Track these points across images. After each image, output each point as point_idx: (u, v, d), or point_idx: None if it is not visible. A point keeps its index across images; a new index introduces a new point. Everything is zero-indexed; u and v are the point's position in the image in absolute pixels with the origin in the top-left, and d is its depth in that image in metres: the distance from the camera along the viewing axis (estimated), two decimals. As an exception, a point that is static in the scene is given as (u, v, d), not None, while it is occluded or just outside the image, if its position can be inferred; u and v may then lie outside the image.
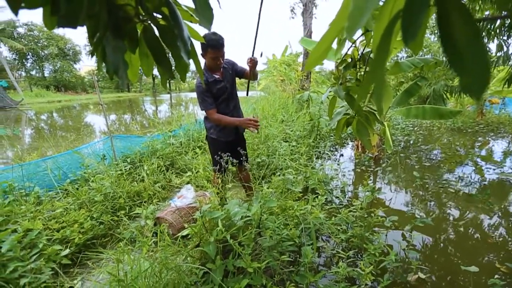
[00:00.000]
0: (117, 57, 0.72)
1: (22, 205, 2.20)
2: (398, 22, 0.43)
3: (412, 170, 3.77)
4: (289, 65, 9.97)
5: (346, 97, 1.53)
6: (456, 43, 0.37)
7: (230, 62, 2.27)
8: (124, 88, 5.36)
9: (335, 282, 1.66)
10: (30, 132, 9.22)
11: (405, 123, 7.28)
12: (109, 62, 0.74)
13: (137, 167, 3.26)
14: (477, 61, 0.37)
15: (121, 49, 0.73)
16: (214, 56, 2.00)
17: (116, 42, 0.74)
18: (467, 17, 0.37)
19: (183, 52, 0.77)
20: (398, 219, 2.13)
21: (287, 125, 5.08)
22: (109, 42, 0.74)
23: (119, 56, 0.73)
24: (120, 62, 0.73)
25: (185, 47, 0.78)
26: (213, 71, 2.14)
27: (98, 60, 0.87)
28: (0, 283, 1.51)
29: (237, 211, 1.56)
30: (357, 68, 1.85)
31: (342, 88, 1.53)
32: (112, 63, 0.73)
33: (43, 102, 21.51)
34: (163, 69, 0.90)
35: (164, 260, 1.27)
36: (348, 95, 1.55)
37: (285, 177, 2.65)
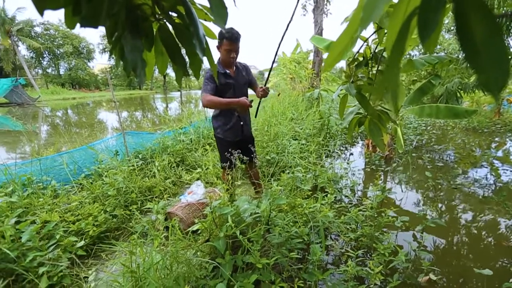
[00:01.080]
0: (135, 55, 0.74)
1: (40, 197, 2.29)
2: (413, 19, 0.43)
3: (424, 170, 3.70)
4: (299, 63, 9.90)
5: (358, 96, 1.52)
6: (475, 39, 0.37)
7: (245, 65, 2.31)
8: (142, 85, 5.45)
9: (344, 281, 1.66)
10: (47, 128, 9.53)
11: (418, 122, 7.12)
12: (128, 61, 0.76)
13: (148, 163, 3.33)
14: (496, 57, 0.36)
15: (139, 48, 0.76)
16: (229, 48, 2.04)
17: (134, 41, 0.76)
18: (486, 13, 0.36)
19: (199, 49, 0.79)
20: (409, 219, 2.09)
21: (297, 123, 5.05)
22: (127, 41, 0.76)
23: (137, 55, 0.75)
24: (138, 60, 0.75)
25: (201, 44, 0.79)
26: (225, 66, 2.17)
27: (116, 59, 0.90)
28: (21, 271, 1.58)
29: (246, 207, 1.58)
30: (369, 67, 1.83)
31: (353, 86, 1.51)
32: (131, 62, 0.76)
33: (59, 99, 22.15)
34: (178, 66, 0.92)
35: (175, 254, 1.30)
36: (359, 94, 1.53)
37: (294, 175, 2.65)
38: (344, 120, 1.84)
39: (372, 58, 1.78)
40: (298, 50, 10.59)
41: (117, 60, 0.90)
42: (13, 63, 25.68)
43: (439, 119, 5.59)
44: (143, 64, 0.76)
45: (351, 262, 1.56)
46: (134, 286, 1.22)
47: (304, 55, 10.07)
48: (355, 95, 1.45)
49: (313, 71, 7.94)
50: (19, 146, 6.24)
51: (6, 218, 1.90)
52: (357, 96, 1.47)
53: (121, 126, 3.36)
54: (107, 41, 0.90)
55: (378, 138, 1.96)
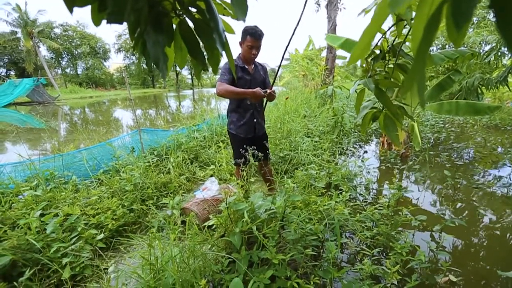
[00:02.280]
0: (157, 50, 0.76)
1: (62, 192, 2.38)
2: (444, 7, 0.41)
3: (442, 169, 3.58)
4: (311, 59, 9.79)
5: (376, 90, 1.48)
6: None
7: (263, 66, 2.35)
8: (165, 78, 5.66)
9: (359, 279, 1.64)
10: (66, 125, 9.90)
11: (435, 120, 6.88)
12: (150, 56, 0.77)
13: (163, 159, 3.40)
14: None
15: (160, 43, 0.77)
16: (251, 45, 2.08)
17: (156, 36, 0.77)
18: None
19: (218, 44, 0.80)
20: (426, 219, 2.04)
21: (310, 120, 5.01)
22: (150, 36, 0.78)
23: (159, 49, 0.76)
24: (160, 55, 0.77)
25: (220, 39, 0.80)
26: (245, 62, 2.21)
27: (138, 54, 0.92)
28: (46, 261, 1.66)
29: (261, 204, 1.59)
30: (386, 60, 1.79)
31: (371, 81, 1.48)
32: (153, 56, 0.77)
33: (77, 97, 22.93)
34: (197, 61, 0.93)
35: (192, 248, 1.33)
36: (377, 88, 1.50)
37: (308, 172, 2.63)
38: (359, 115, 1.81)
39: (389, 51, 1.74)
40: (310, 46, 10.47)
41: (139, 56, 0.92)
42: (35, 63, 26.77)
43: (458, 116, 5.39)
44: (164, 58, 0.77)
45: (367, 261, 1.54)
46: (153, 278, 1.26)
47: (316, 52, 9.93)
48: (373, 89, 1.42)
49: (326, 67, 7.82)
50: (41, 143, 6.52)
51: (31, 210, 1.99)
52: (375, 91, 1.44)
53: (137, 124, 3.44)
54: (130, 38, 0.92)
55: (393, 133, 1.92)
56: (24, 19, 24.75)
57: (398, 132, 1.94)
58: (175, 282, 1.20)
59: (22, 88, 16.01)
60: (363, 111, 1.81)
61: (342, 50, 4.90)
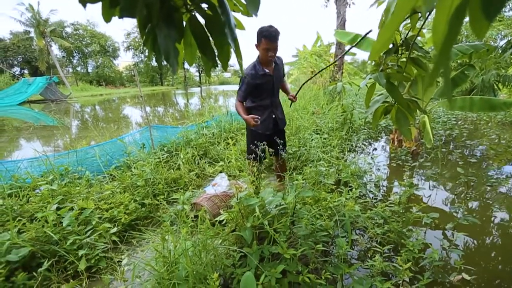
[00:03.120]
0: (168, 44, 0.77)
1: (76, 186, 2.45)
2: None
3: (455, 166, 3.50)
4: (320, 56, 9.68)
5: (387, 84, 1.46)
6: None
7: (280, 59, 2.35)
8: (175, 73, 5.70)
9: (370, 276, 1.63)
10: (77, 123, 10.12)
11: (447, 117, 6.72)
12: (161, 50, 0.78)
13: (173, 155, 3.44)
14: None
15: (172, 37, 0.78)
16: (267, 47, 2.05)
17: (167, 30, 0.79)
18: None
19: (230, 39, 0.80)
20: (439, 217, 2.00)
21: (318, 117, 4.97)
22: (161, 30, 0.79)
23: (170, 44, 0.77)
24: (171, 49, 0.78)
25: (232, 34, 0.80)
26: (264, 65, 2.21)
27: (148, 50, 0.94)
28: (62, 253, 1.72)
29: (271, 199, 1.59)
30: (399, 54, 1.75)
31: (383, 75, 1.45)
32: (164, 50, 0.78)
33: (87, 95, 23.37)
34: (207, 57, 0.94)
35: (204, 241, 1.35)
36: (389, 83, 1.48)
37: (317, 169, 2.62)
38: (369, 108, 1.79)
39: (402, 45, 1.71)
40: (318, 43, 10.34)
41: (149, 52, 0.93)
42: (47, 62, 27.39)
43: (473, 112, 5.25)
44: (175, 53, 0.78)
45: (378, 257, 1.53)
46: (166, 270, 1.28)
47: (325, 48, 9.81)
48: (384, 84, 1.40)
49: (335, 64, 7.72)
50: (54, 140, 6.69)
51: (48, 204, 2.06)
52: (386, 85, 1.42)
53: (147, 120, 3.49)
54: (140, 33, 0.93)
55: (405, 128, 1.89)
56: (37, 18, 25.31)
57: (410, 127, 1.91)
58: (188, 274, 1.23)
59: (36, 86, 16.42)
60: (374, 106, 1.79)
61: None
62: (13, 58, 29.34)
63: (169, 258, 1.32)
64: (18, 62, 30.30)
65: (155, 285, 1.29)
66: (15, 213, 1.99)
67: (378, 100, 1.80)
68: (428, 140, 3.67)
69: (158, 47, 0.88)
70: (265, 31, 1.99)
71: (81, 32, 31.91)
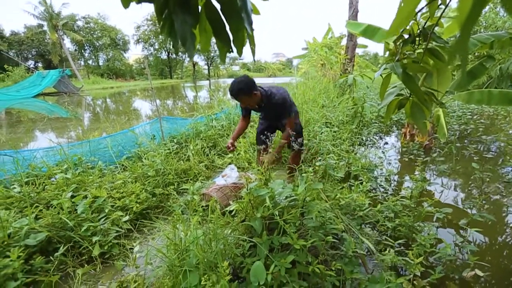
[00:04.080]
0: (185, 29, 0.76)
1: (89, 176, 2.51)
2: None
3: (469, 162, 3.41)
4: (330, 48, 9.48)
5: (403, 75, 1.41)
6: None
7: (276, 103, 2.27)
8: (192, 58, 5.75)
9: (379, 270, 1.62)
10: (89, 115, 10.33)
11: (462, 111, 6.51)
12: (178, 34, 0.78)
13: (183, 147, 3.47)
14: None
15: (188, 22, 0.77)
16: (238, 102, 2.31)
17: (184, 15, 0.78)
18: None
19: (247, 23, 0.79)
20: (452, 212, 1.96)
21: (328, 110, 4.90)
22: (178, 15, 0.78)
23: (187, 28, 0.76)
24: (188, 34, 0.77)
25: (249, 18, 0.79)
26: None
27: (164, 36, 0.93)
28: (77, 239, 1.77)
29: (281, 190, 1.59)
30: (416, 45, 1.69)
31: (399, 64, 1.40)
32: (181, 35, 0.77)
33: (99, 88, 23.76)
34: (223, 43, 0.92)
35: (215, 230, 1.36)
36: (405, 73, 1.43)
37: (326, 161, 2.60)
38: (383, 101, 1.74)
39: (420, 34, 1.65)
40: (329, 35, 10.12)
41: (165, 38, 0.93)
42: (60, 55, 27.90)
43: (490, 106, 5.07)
44: (192, 37, 0.78)
45: (392, 251, 1.51)
46: (177, 258, 1.31)
47: (336, 40, 9.59)
48: (401, 74, 1.35)
49: (346, 56, 7.56)
50: (67, 131, 6.85)
51: (63, 192, 2.12)
52: (402, 76, 1.37)
53: (158, 112, 3.52)
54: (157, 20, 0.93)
55: (420, 121, 1.83)
56: (50, 12, 25.70)
57: (426, 120, 1.86)
58: (199, 262, 1.25)
59: (49, 79, 16.79)
60: (388, 98, 1.74)
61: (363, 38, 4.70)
62: (28, 51, 30.01)
63: (180, 246, 1.34)
64: (32, 55, 30.99)
65: (166, 271, 1.32)
66: (32, 200, 2.06)
67: (393, 92, 1.75)
68: (442, 134, 3.57)
69: (174, 32, 0.88)
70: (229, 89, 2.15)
71: (92, 25, 32.28)
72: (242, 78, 2.15)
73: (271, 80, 12.20)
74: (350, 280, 1.48)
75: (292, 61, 55.55)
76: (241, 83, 2.11)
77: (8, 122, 8.68)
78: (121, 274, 1.70)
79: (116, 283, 1.57)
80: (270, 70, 46.62)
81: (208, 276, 1.17)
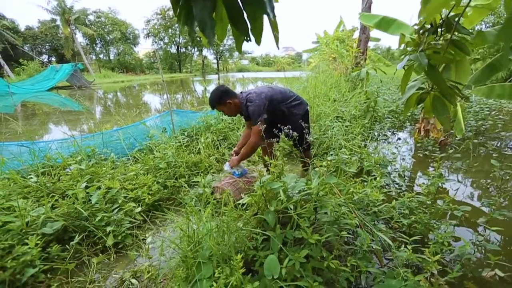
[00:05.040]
0: (204, 14, 0.73)
1: (103, 167, 2.54)
2: None
3: (487, 159, 3.28)
4: (342, 41, 9.27)
5: (428, 66, 1.35)
6: None
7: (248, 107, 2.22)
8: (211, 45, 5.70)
9: (394, 266, 1.58)
10: (101, 108, 10.50)
11: (480, 106, 6.27)
12: (197, 21, 0.75)
13: (193, 140, 3.48)
14: None
15: (207, 7, 0.74)
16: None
17: (203, 1, 0.75)
18: None
19: (269, 8, 0.75)
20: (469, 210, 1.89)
21: (340, 105, 4.81)
22: (197, 2, 0.75)
23: (206, 14, 0.73)
24: (207, 20, 0.74)
25: (271, 3, 0.75)
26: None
27: (181, 25, 0.90)
28: (92, 228, 1.80)
29: (294, 184, 1.56)
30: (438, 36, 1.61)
31: (424, 55, 1.34)
32: (200, 21, 0.75)
33: (110, 82, 24.09)
34: (240, 31, 0.89)
35: (228, 223, 1.35)
36: (429, 64, 1.36)
37: (339, 156, 2.55)
38: (405, 94, 1.68)
39: (442, 25, 1.57)
40: (341, 28, 9.89)
41: (181, 27, 0.90)
42: (72, 49, 28.36)
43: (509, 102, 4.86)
44: (212, 23, 0.75)
45: (407, 247, 1.47)
46: (190, 250, 1.30)
47: (348, 33, 9.36)
48: (426, 64, 1.29)
49: (358, 50, 7.38)
50: (80, 124, 6.99)
51: (77, 182, 2.15)
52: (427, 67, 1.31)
53: (169, 105, 3.52)
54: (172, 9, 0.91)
55: (443, 116, 1.76)
56: (62, 6, 26.07)
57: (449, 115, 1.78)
58: (212, 254, 1.24)
59: (62, 73, 17.12)
60: (410, 91, 1.67)
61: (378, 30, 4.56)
62: (42, 46, 30.63)
63: (193, 237, 1.34)
64: (46, 49, 31.61)
65: (179, 262, 1.32)
66: (48, 189, 2.11)
67: (414, 85, 1.68)
68: (459, 130, 3.44)
69: (191, 20, 0.85)
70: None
71: (103, 19, 32.61)
72: (214, 90, 2.18)
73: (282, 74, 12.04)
74: (365, 274, 1.45)
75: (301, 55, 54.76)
76: (212, 94, 2.15)
77: (24, 114, 8.92)
78: (134, 264, 1.73)
79: (129, 273, 1.60)
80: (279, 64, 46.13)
81: (222, 268, 1.16)
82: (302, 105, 2.46)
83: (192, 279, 1.20)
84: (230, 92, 2.19)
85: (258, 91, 2.23)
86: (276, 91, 2.36)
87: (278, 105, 2.31)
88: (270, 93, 2.26)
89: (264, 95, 2.20)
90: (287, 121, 2.35)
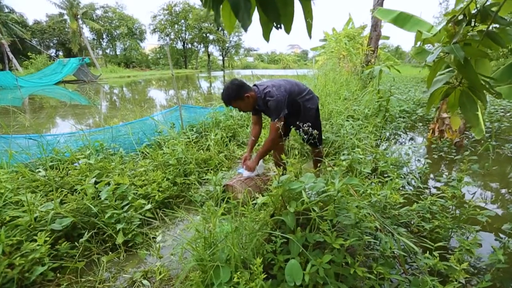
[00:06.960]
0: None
1: (111, 162, 2.48)
2: None
3: (507, 162, 3.16)
4: (351, 39, 9.09)
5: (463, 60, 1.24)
6: None
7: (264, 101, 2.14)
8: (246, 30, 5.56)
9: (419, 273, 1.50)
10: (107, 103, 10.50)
11: (494, 107, 6.10)
12: (230, 3, 0.67)
13: (202, 136, 3.41)
14: None
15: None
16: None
17: (237, -20, 0.66)
18: None
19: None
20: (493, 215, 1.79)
21: (351, 103, 4.70)
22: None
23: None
24: (241, 1, 0.66)
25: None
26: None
27: (207, 9, 0.82)
28: (101, 225, 1.74)
29: (313, 185, 1.48)
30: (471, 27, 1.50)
31: (459, 47, 1.23)
32: (233, 4, 0.67)
33: (116, 77, 24.17)
34: (269, 16, 0.80)
35: (248, 225, 1.28)
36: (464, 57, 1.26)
37: (352, 156, 2.46)
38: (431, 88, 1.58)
39: (476, 15, 1.46)
40: (349, 25, 9.70)
41: (207, 11, 0.82)
42: (79, 44, 28.46)
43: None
44: (246, 5, 0.66)
45: (432, 254, 1.39)
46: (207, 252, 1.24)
47: (359, 30, 9.18)
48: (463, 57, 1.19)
49: (370, 48, 7.22)
50: (86, 118, 6.97)
51: (86, 177, 2.10)
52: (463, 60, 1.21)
53: (178, 100, 3.46)
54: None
55: (471, 113, 1.66)
56: (70, 1, 26.15)
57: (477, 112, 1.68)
58: (230, 257, 1.17)
59: (70, 67, 17.20)
60: (436, 85, 1.57)
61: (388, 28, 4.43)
62: (49, 40, 30.82)
63: (209, 239, 1.27)
64: (54, 44, 31.82)
65: (195, 265, 1.26)
66: (56, 184, 2.06)
67: (441, 79, 1.58)
68: (478, 131, 3.31)
69: (217, 3, 0.77)
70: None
71: (110, 14, 32.69)
72: (229, 85, 2.08)
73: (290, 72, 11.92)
74: (388, 281, 1.37)
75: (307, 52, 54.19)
76: (228, 90, 2.06)
77: (31, 108, 8.96)
78: (145, 263, 1.67)
79: (140, 273, 1.54)
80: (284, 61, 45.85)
81: (241, 273, 1.09)
82: (314, 99, 2.38)
83: (209, 283, 1.13)
84: (246, 85, 2.10)
85: (276, 84, 2.13)
86: (293, 83, 2.26)
87: (295, 98, 2.22)
88: (288, 85, 2.17)
89: (283, 88, 2.11)
90: (302, 116, 2.26)
